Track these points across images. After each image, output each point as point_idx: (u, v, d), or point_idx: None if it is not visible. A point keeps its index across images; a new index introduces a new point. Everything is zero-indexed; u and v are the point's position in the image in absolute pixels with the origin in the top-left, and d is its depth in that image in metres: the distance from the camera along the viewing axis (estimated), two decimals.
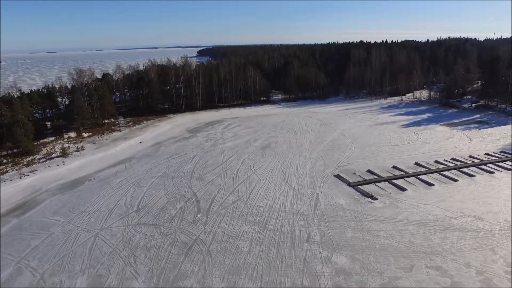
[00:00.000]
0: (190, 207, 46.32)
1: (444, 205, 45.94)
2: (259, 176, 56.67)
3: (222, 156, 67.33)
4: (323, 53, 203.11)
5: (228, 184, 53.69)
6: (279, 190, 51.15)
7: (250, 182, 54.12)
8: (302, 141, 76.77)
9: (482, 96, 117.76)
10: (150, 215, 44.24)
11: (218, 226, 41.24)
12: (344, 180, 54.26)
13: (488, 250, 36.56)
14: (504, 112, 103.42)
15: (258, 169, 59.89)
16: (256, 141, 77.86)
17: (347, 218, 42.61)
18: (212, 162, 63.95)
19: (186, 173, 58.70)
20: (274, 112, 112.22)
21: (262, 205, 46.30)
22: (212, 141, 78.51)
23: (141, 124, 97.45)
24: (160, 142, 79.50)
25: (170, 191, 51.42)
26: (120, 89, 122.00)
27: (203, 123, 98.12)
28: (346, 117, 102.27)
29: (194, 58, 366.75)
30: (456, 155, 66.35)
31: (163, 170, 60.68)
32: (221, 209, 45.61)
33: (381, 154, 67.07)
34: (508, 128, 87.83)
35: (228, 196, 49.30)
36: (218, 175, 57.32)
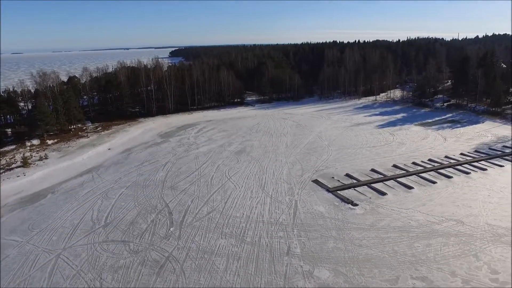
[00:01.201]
0: (162, 219, 43.49)
1: (425, 209, 44.96)
2: (235, 183, 54.33)
3: (196, 162, 64.58)
4: (297, 53, 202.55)
5: (203, 193, 51.08)
6: (256, 198, 48.97)
7: (226, 190, 51.71)
8: (278, 145, 74.93)
9: (453, 96, 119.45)
10: (119, 231, 41.14)
11: (192, 241, 38.65)
12: (323, 186, 52.65)
13: (472, 257, 35.59)
14: (474, 111, 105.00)
15: (234, 175, 57.53)
16: (231, 145, 75.46)
17: (327, 227, 40.87)
18: (185, 169, 61.12)
19: (158, 182, 55.69)
20: (249, 114, 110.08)
21: (239, 215, 43.99)
22: (185, 146, 75.55)
23: (110, 129, 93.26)
24: (130, 148, 75.89)
25: (141, 203, 48.37)
26: (87, 92, 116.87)
27: (176, 127, 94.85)
28: (322, 119, 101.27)
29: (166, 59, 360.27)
30: (432, 155, 66.05)
31: (133, 179, 57.41)
32: (195, 221, 43.00)
33: (359, 157, 65.99)
34: (480, 127, 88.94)
35: (202, 206, 46.72)
36: (191, 183, 54.60)
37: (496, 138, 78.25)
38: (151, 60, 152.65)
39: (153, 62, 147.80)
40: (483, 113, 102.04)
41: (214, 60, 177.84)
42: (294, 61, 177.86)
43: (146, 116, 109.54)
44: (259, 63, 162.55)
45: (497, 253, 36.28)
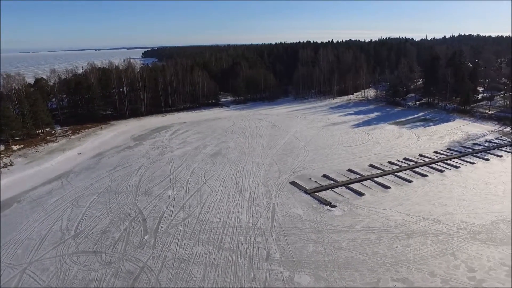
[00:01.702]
0: (136, 227, 41.81)
1: (402, 209, 45.07)
2: (211, 187, 53.09)
3: (170, 166, 62.88)
4: (271, 54, 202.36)
5: (178, 198, 49.59)
6: (233, 202, 47.90)
7: (202, 195, 50.40)
8: (254, 146, 74.07)
9: (424, 94, 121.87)
10: (90, 241, 39.21)
11: (168, 249, 37.23)
12: (300, 187, 52.11)
13: (450, 255, 35.75)
14: (445, 110, 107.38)
15: (210, 179, 56.27)
16: (206, 147, 74.06)
17: (306, 230, 40.26)
18: (159, 174, 59.37)
19: (131, 188, 53.76)
20: (224, 115, 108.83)
21: (216, 221, 42.83)
22: (159, 149, 73.60)
23: (80, 133, 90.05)
24: (102, 152, 73.28)
25: (113, 210, 46.43)
26: (56, 95, 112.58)
27: (149, 130, 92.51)
28: (297, 119, 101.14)
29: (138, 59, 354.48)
30: (407, 154, 66.75)
31: (105, 185, 55.22)
32: (170, 228, 41.55)
33: (335, 157, 65.93)
34: (451, 125, 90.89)
35: (178, 212, 45.27)
36: (166, 188, 52.97)
37: (467, 136, 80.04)
38: (123, 61, 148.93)
39: (125, 63, 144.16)
40: (453, 111, 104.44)
41: (188, 61, 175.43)
42: (268, 61, 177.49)
43: (118, 118, 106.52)
44: (233, 64, 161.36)
45: (473, 250, 36.61)
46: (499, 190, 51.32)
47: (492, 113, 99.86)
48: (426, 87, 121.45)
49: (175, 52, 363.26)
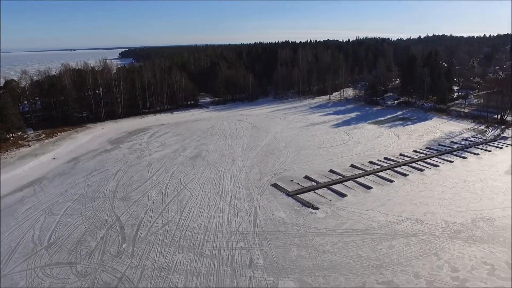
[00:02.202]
0: (113, 235, 40.18)
1: (384, 209, 44.92)
2: (191, 191, 51.78)
3: (149, 170, 61.19)
4: (250, 54, 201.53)
5: (157, 203, 48.10)
6: (213, 206, 46.77)
7: (181, 199, 49.04)
8: (235, 148, 73.03)
9: (402, 94, 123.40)
10: (64, 251, 37.39)
11: (147, 258, 35.83)
12: (282, 189, 51.40)
13: (433, 256, 35.68)
14: (422, 108, 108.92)
15: (189, 182, 54.92)
16: (186, 150, 72.56)
17: (289, 234, 39.54)
18: (137, 178, 57.61)
19: (108, 193, 51.89)
20: (203, 117, 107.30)
21: (196, 226, 41.62)
22: (137, 153, 71.65)
23: (55, 136, 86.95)
24: (78, 157, 70.75)
25: (89, 217, 44.59)
26: (28, 97, 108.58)
27: (127, 132, 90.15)
28: (278, 119, 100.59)
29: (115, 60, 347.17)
30: (387, 153, 67.01)
31: (80, 191, 53.13)
32: (149, 235, 40.11)
33: (317, 158, 65.58)
34: (429, 124, 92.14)
35: (157, 218, 43.83)
36: (144, 193, 51.35)
37: (444, 134, 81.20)
38: (98, 62, 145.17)
39: (101, 64, 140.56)
40: (430, 110, 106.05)
41: (166, 61, 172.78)
42: (247, 61, 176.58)
43: (94, 121, 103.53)
44: (212, 64, 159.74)
45: (456, 250, 36.67)
46: (477, 188, 51.94)
47: (467, 111, 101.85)
48: (404, 86, 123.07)
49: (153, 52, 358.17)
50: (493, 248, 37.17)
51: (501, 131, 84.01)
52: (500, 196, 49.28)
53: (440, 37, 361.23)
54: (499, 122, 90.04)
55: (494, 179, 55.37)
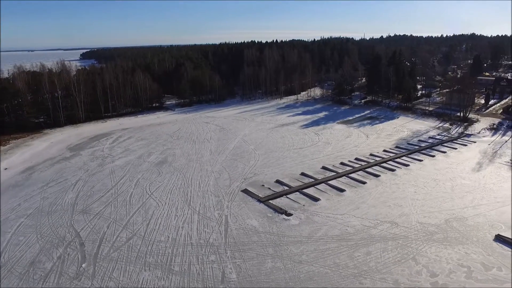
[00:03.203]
0: (72, 254, 36.74)
1: (359, 213, 43.84)
2: (157, 200, 48.82)
3: (112, 178, 57.54)
4: (216, 54, 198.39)
5: (121, 215, 44.85)
6: (182, 216, 44.11)
7: (147, 209, 46.02)
8: (202, 152, 70.38)
9: (368, 93, 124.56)
10: (15, 276, 33.64)
11: (110, 278, 32.78)
12: (253, 195, 49.38)
13: (411, 260, 34.74)
14: (389, 107, 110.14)
15: (155, 191, 51.89)
16: (151, 155, 69.17)
17: (263, 243, 37.55)
18: (99, 188, 53.90)
19: (67, 206, 48.01)
20: (169, 120, 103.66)
21: (164, 239, 38.86)
22: (99, 160, 67.55)
23: (7, 144, 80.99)
24: (33, 166, 65.77)
25: (45, 235, 40.81)
26: None
27: (88, 138, 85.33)
28: (246, 121, 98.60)
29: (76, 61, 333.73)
30: (358, 154, 66.48)
31: (35, 204, 48.89)
32: (112, 251, 36.98)
33: (287, 160, 64.07)
34: (396, 122, 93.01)
35: (121, 232, 40.68)
36: (107, 204, 47.88)
37: (412, 133, 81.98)
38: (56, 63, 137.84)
39: (58, 66, 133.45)
40: (396, 108, 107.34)
41: (129, 62, 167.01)
42: (213, 61, 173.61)
43: (52, 126, 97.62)
44: (177, 65, 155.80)
45: (433, 253, 35.94)
46: (447, 186, 52.03)
47: (431, 109, 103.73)
48: (370, 86, 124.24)
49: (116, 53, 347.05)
50: (468, 249, 36.75)
51: (464, 128, 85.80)
52: (470, 194, 49.48)
53: (402, 36, 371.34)
54: (461, 119, 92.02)
55: (463, 177, 55.76)
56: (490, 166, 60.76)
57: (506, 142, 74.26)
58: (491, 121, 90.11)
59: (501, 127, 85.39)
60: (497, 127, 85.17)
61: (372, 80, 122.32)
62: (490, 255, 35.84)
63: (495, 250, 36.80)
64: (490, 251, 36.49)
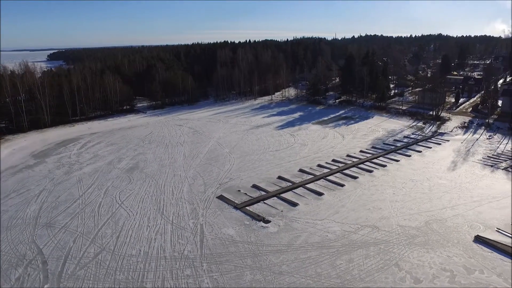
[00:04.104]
0: (33, 274, 33.77)
1: (339, 217, 42.67)
2: (128, 209, 46.15)
3: (79, 187, 54.29)
4: (188, 55, 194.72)
5: (88, 227, 41.98)
6: (154, 226, 41.70)
7: (117, 220, 43.33)
8: (175, 156, 67.86)
9: (342, 92, 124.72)
10: None
11: None
12: (229, 202, 47.46)
13: (394, 267, 33.76)
14: (363, 107, 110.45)
15: (126, 199, 49.15)
16: (121, 161, 66.08)
17: (241, 254, 35.71)
18: (65, 198, 50.62)
19: (29, 219, 44.63)
20: (140, 123, 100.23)
21: (135, 253, 36.41)
22: (65, 167, 63.91)
23: None
24: None
25: (3, 253, 37.46)
26: None
27: (54, 144, 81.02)
28: (220, 123, 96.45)
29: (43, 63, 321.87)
30: (335, 155, 65.63)
31: None
32: (79, 269, 34.23)
33: (263, 163, 62.46)
34: (371, 122, 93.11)
35: (88, 247, 37.91)
36: (73, 216, 44.83)
37: (387, 132, 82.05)
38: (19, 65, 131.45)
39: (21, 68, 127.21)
40: (371, 108, 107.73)
41: (98, 64, 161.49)
42: (186, 62, 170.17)
43: (15, 132, 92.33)
44: (148, 66, 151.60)
45: (415, 258, 35.10)
46: (425, 187, 51.74)
47: (405, 108, 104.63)
48: (344, 85, 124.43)
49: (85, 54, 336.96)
50: (449, 252, 36.17)
51: (437, 127, 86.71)
52: (447, 194, 49.32)
53: (373, 37, 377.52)
54: (434, 118, 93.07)
55: (439, 176, 55.71)
56: (465, 164, 61.13)
57: (477, 140, 75.28)
58: (462, 119, 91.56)
59: (471, 125, 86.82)
60: (468, 126, 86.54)
61: (346, 80, 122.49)
62: (471, 258, 35.35)
63: (475, 252, 36.37)
64: (471, 253, 36.02)
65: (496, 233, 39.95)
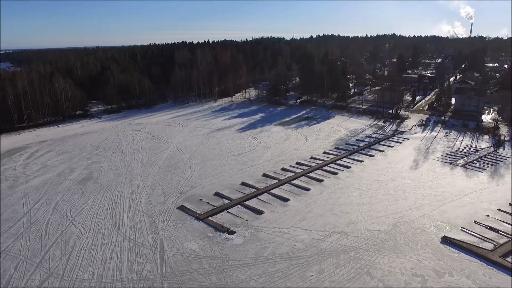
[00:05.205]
0: None
1: (306, 224, 41.14)
2: (80, 226, 42.36)
3: (25, 203, 49.53)
4: (145, 56, 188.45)
5: (34, 249, 37.90)
6: (109, 244, 38.31)
7: (68, 240, 39.50)
8: (133, 164, 64.05)
9: (303, 92, 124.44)
10: None
11: None
12: (191, 212, 44.77)
13: (365, 275, 32.61)
14: (324, 106, 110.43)
15: (78, 215, 45.21)
16: (73, 171, 61.42)
17: (205, 271, 33.23)
18: (8, 216, 45.86)
19: None
20: (95, 129, 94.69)
21: (88, 277, 33.00)
22: (9, 181, 58.44)
23: None
24: None
25: None
26: None
27: None
28: (179, 126, 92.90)
29: None
30: (298, 158, 64.36)
31: None
32: None
33: (226, 169, 60.08)
34: (333, 122, 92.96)
35: (33, 273, 34.01)
36: (16, 238, 40.46)
37: (349, 132, 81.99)
38: None
39: None
40: (332, 107, 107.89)
41: (47, 67, 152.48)
42: (142, 64, 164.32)
43: None
44: (103, 68, 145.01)
45: (386, 264, 34.17)
46: (390, 188, 51.47)
47: (365, 107, 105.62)
48: (304, 85, 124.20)
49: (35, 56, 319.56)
50: (419, 255, 35.58)
51: (397, 125, 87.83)
52: (412, 194, 49.24)
53: (330, 36, 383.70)
54: (393, 116, 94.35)
55: (403, 176, 55.75)
56: (426, 163, 61.72)
57: (435, 138, 76.73)
58: (419, 117, 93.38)
59: (429, 123, 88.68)
60: (425, 123, 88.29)
61: (306, 80, 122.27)
62: (440, 260, 34.90)
63: (444, 253, 36.01)
64: (439, 255, 35.61)
65: (462, 232, 39.99)
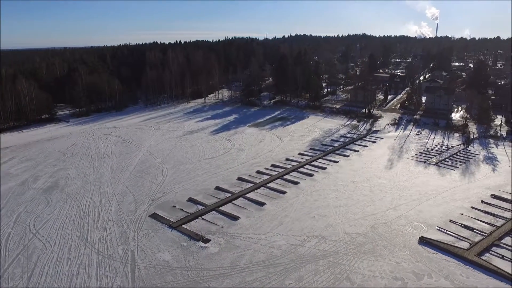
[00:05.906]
0: None
1: (283, 229, 40.12)
2: (44, 239, 39.79)
3: None
4: (115, 57, 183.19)
5: None
6: (76, 258, 36.06)
7: (30, 255, 36.95)
8: (102, 170, 61.37)
9: (277, 92, 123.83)
10: None
11: None
12: (164, 220, 42.95)
13: (345, 281, 31.90)
14: (298, 107, 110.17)
15: (42, 227, 42.54)
16: (38, 180, 58.17)
17: (179, 283, 31.62)
18: None
19: None
20: (62, 133, 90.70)
21: None
22: None
23: None
24: None
25: None
26: None
27: None
28: (151, 130, 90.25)
29: None
30: (274, 159, 63.43)
31: None
32: None
33: (199, 173, 58.41)
34: (307, 122, 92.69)
35: None
36: None
37: (323, 132, 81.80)
38: None
39: None
40: (305, 107, 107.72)
41: (9, 69, 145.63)
42: (112, 65, 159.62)
43: None
44: (70, 70, 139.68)
45: (365, 268, 33.60)
46: (366, 188, 51.24)
47: (338, 107, 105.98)
48: (278, 85, 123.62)
49: None
50: (398, 258, 35.20)
51: (370, 125, 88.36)
52: (388, 194, 49.15)
53: (302, 36, 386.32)
54: (367, 116, 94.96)
55: (378, 176, 55.72)
56: (400, 162, 62.04)
57: (408, 137, 77.54)
58: (392, 116, 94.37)
59: (401, 122, 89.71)
60: (398, 122, 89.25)
61: (279, 80, 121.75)
62: (419, 261, 34.63)
63: (422, 254, 35.79)
64: (418, 257, 35.34)
65: (438, 232, 40.00)
